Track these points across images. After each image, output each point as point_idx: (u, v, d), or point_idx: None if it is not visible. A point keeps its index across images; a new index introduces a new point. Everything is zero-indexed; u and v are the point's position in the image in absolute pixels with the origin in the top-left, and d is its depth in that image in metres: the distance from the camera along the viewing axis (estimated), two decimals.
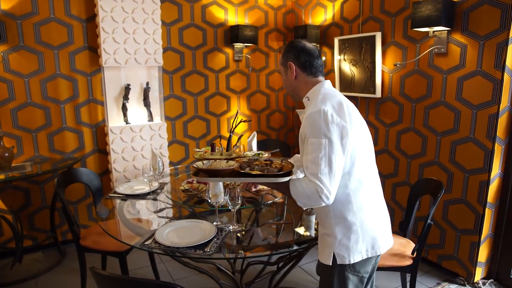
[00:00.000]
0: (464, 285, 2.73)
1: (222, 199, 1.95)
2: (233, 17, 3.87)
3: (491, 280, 2.73)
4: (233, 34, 3.77)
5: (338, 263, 1.48)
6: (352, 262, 1.47)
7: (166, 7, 3.49)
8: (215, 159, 1.66)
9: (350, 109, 1.47)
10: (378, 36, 3.14)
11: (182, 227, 1.93)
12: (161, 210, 2.37)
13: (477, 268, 2.70)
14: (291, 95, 1.66)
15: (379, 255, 1.56)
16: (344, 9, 3.54)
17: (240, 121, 2.50)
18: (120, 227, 2.17)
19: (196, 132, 3.89)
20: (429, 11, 2.54)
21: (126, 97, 3.33)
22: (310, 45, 1.57)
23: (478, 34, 2.49)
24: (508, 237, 2.66)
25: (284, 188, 1.45)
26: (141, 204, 2.40)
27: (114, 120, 3.36)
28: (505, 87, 2.43)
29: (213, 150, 2.32)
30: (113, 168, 3.31)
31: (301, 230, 1.99)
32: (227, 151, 2.51)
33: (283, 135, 4.44)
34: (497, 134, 2.48)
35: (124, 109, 3.34)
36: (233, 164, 1.57)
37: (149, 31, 3.29)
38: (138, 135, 3.38)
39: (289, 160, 1.65)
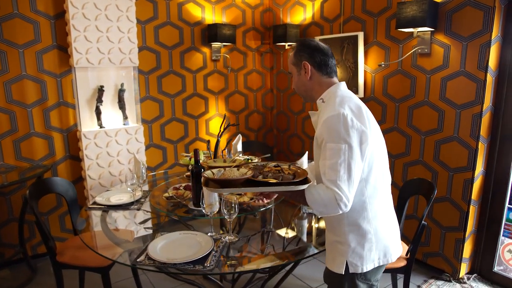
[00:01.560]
0: (450, 281, 2.78)
1: (217, 208, 1.85)
2: (210, 15, 3.74)
3: (475, 274, 2.80)
4: (211, 33, 3.64)
5: (350, 271, 1.43)
6: (364, 270, 1.43)
7: (141, 4, 3.31)
8: (224, 167, 1.50)
9: (368, 113, 1.42)
10: (361, 36, 3.13)
11: (175, 240, 1.81)
12: (145, 221, 2.22)
13: (462, 264, 2.76)
14: (303, 96, 1.57)
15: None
16: (325, 8, 3.52)
17: (229, 125, 2.39)
18: (103, 240, 2.01)
19: (173, 135, 3.74)
20: (414, 11, 2.55)
21: (99, 100, 3.12)
22: (323, 44, 1.50)
23: (462, 35, 2.53)
24: (490, 232, 2.73)
25: (299, 195, 1.37)
26: (124, 215, 2.24)
27: (87, 124, 3.14)
28: (487, 87, 2.48)
29: (196, 155, 2.20)
30: (87, 175, 3.10)
31: (294, 236, 1.93)
32: (215, 156, 2.40)
33: (262, 136, 4.37)
34: (481, 133, 2.54)
35: (98, 112, 3.13)
36: (245, 172, 1.43)
37: (124, 29, 3.10)
38: (113, 140, 3.18)
39: (305, 168, 1.55)
